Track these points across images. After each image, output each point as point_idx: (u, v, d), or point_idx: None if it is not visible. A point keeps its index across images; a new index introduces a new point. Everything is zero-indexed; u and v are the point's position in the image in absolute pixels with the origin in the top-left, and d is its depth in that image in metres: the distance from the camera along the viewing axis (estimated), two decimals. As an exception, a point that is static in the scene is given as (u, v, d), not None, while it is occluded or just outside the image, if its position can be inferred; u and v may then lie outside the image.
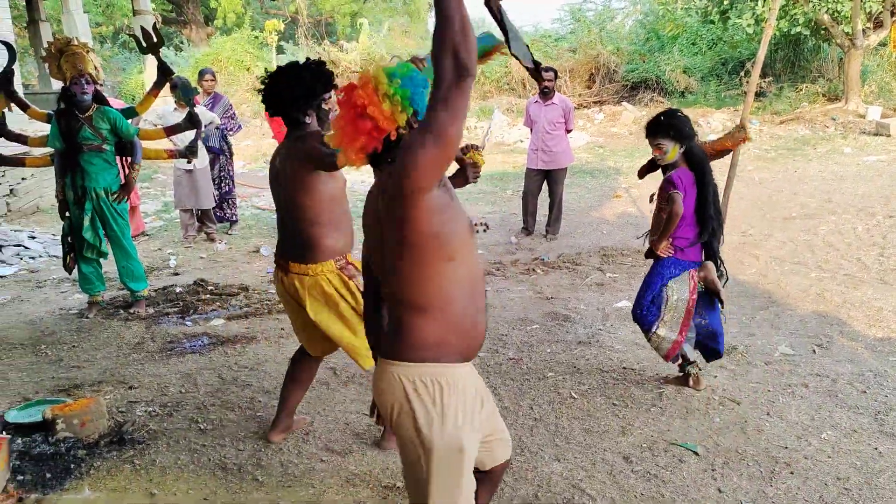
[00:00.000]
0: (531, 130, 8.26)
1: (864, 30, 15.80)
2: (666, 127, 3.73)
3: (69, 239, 5.56)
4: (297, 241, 3.29)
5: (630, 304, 5.50)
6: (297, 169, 3.18)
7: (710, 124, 16.46)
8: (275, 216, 4.68)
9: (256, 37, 23.68)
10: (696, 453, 3.49)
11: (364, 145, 2.07)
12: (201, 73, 8.48)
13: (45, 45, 5.44)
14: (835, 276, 6.25)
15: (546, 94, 7.94)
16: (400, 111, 2.07)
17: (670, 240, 3.89)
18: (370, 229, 2.20)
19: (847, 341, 4.88)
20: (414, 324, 2.09)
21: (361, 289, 3.04)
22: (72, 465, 3.39)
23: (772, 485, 3.21)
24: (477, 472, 2.30)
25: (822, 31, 16.42)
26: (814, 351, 4.71)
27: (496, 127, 15.03)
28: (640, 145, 15.42)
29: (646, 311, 3.99)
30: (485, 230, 8.35)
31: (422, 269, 2.05)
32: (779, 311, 5.45)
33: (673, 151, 3.78)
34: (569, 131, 8.12)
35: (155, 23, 6.14)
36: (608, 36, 21.21)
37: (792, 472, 3.30)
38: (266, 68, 3.39)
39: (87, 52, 5.28)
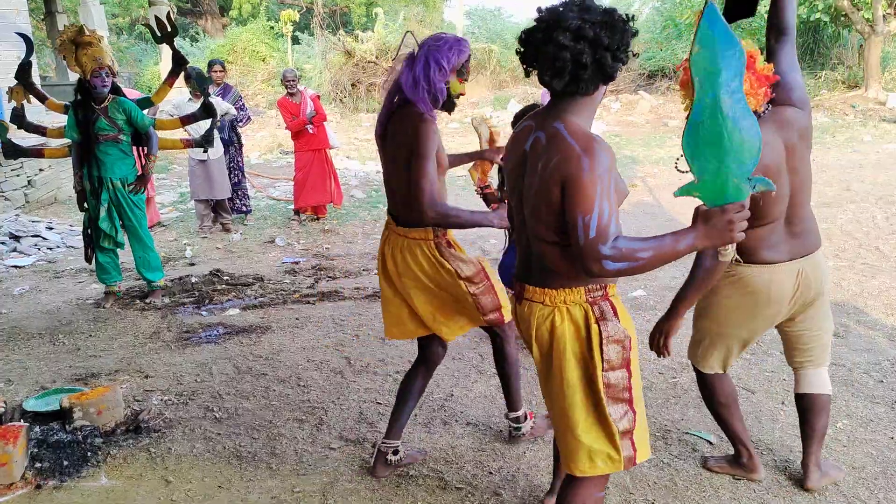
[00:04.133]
0: (546, 119, 8.21)
1: (884, 16, 15.62)
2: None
3: (88, 230, 5.61)
4: None
5: (645, 293, 5.49)
6: None
7: (727, 112, 16.32)
8: (288, 206, 4.74)
9: (272, 27, 23.72)
10: (710, 442, 3.48)
11: None
12: (210, 65, 8.53)
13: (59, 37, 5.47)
14: (853, 264, 6.19)
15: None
16: None
17: None
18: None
19: (864, 330, 4.84)
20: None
21: None
22: (89, 453, 3.42)
23: (786, 474, 3.19)
24: None
25: (842, 18, 16.23)
26: (830, 340, 4.67)
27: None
28: (656, 134, 15.33)
29: None
30: None
31: None
32: (795, 301, 5.41)
33: None
34: (584, 120, 8.06)
35: (169, 12, 6.16)
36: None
37: (807, 462, 3.28)
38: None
39: (100, 41, 5.30)
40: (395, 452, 3.26)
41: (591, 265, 1.93)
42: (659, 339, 2.86)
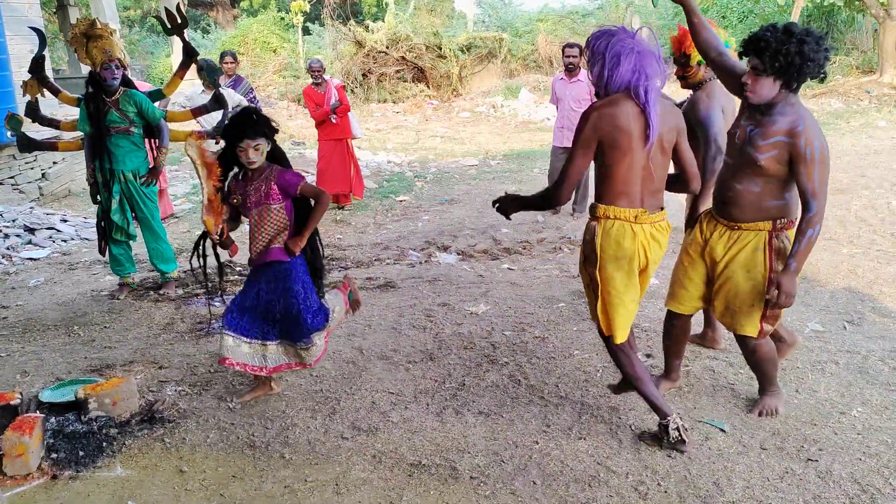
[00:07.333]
0: (557, 108, 8.20)
1: (900, -1, 15.43)
2: (262, 126, 3.66)
3: (102, 222, 5.64)
4: None
5: (657, 281, 5.46)
6: None
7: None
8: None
9: (282, 18, 23.72)
10: (723, 431, 3.47)
11: None
12: (222, 56, 8.55)
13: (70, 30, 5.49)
14: (867, 251, 6.15)
15: (571, 70, 7.87)
16: None
17: None
18: None
19: (879, 317, 4.80)
20: None
21: None
22: (104, 444, 3.45)
23: (800, 462, 3.18)
24: None
25: (857, 2, 16.06)
26: (844, 327, 4.64)
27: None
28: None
29: (320, 314, 3.83)
30: None
31: None
32: (809, 288, 5.38)
33: (265, 152, 3.75)
34: (595, 108, 8.03)
35: (179, 3, 6.17)
36: (637, 10, 20.91)
37: (821, 449, 3.27)
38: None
39: (111, 34, 5.31)
40: (682, 418, 3.36)
41: None
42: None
